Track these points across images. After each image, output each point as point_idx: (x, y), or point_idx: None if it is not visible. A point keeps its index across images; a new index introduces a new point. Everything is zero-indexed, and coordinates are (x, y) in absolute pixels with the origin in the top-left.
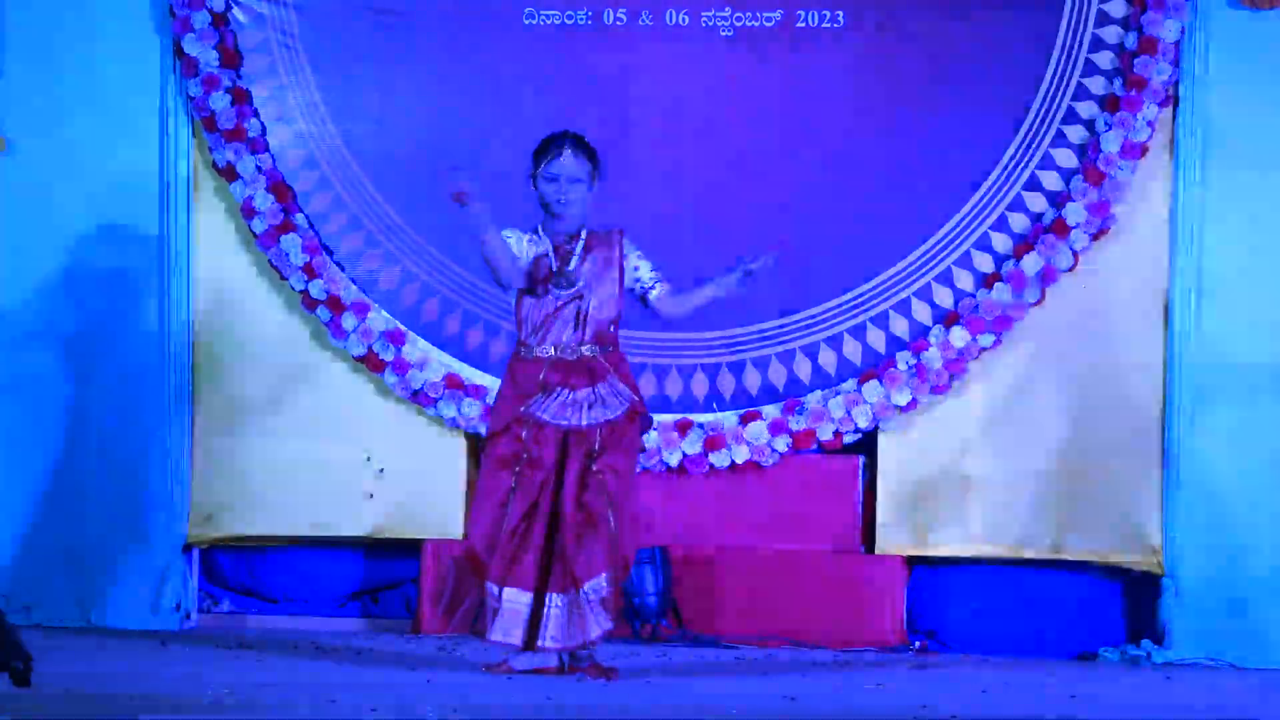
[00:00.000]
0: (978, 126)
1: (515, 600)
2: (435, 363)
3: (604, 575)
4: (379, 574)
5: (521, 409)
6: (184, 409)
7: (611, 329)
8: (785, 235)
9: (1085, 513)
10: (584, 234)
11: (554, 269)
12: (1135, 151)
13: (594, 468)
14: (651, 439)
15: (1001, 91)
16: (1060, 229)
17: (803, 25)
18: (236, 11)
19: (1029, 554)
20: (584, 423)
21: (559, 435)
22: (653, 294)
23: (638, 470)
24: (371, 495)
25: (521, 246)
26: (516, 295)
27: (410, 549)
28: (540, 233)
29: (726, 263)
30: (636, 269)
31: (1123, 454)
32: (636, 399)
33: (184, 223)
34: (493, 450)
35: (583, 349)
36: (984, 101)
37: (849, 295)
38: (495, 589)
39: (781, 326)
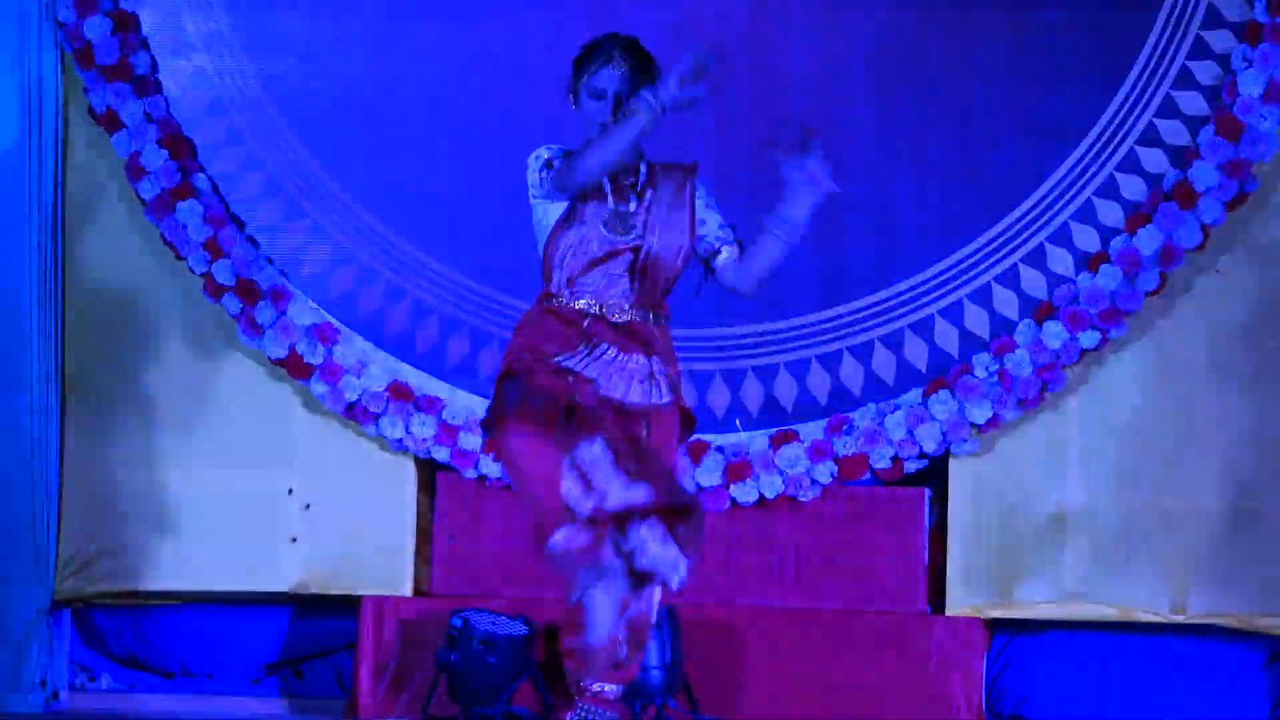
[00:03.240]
0: (1079, 61)
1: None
2: (377, 367)
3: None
4: (305, 641)
5: (556, 358)
6: (51, 427)
7: (666, 294)
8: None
9: (1218, 563)
10: (643, 167)
11: (610, 206)
12: None
13: None
14: None
15: (1110, 17)
16: (1185, 195)
17: None
18: None
19: (1142, 616)
20: (635, 400)
21: (601, 405)
22: (720, 257)
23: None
24: (295, 539)
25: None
26: (551, 231)
27: (344, 608)
28: None
29: None
30: (703, 221)
31: (1268, 489)
32: (680, 391)
33: (50, 186)
34: (527, 384)
35: (634, 311)
36: (1087, 30)
37: (912, 281)
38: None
39: (824, 321)
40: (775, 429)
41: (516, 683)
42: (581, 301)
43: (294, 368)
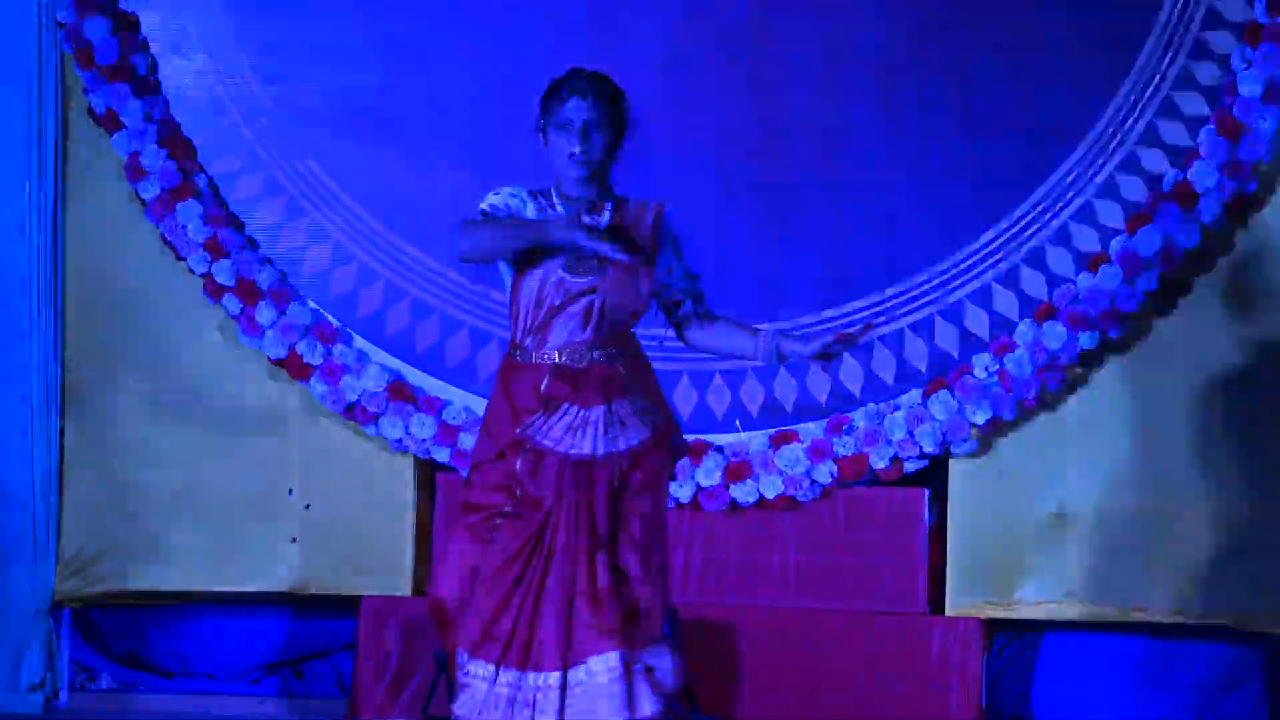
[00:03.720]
0: (1078, 62)
1: (483, 676)
2: (376, 367)
3: (616, 653)
4: (304, 641)
5: (517, 430)
6: (51, 427)
7: (630, 331)
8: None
9: (1218, 564)
10: (610, 206)
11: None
12: None
13: (619, 507)
14: None
15: (1110, 18)
16: (1185, 196)
17: None
18: None
19: (1142, 616)
20: (600, 451)
21: (564, 468)
22: (680, 309)
23: (667, 511)
24: (295, 539)
25: (525, 210)
26: (513, 278)
27: (344, 608)
28: (554, 198)
29: (753, 253)
30: (670, 269)
31: (1268, 489)
32: (665, 418)
33: (51, 188)
34: (477, 479)
35: (594, 354)
36: (1087, 30)
37: (912, 281)
38: (464, 657)
39: (825, 321)
40: (775, 429)
41: None
42: (541, 352)
43: (294, 368)
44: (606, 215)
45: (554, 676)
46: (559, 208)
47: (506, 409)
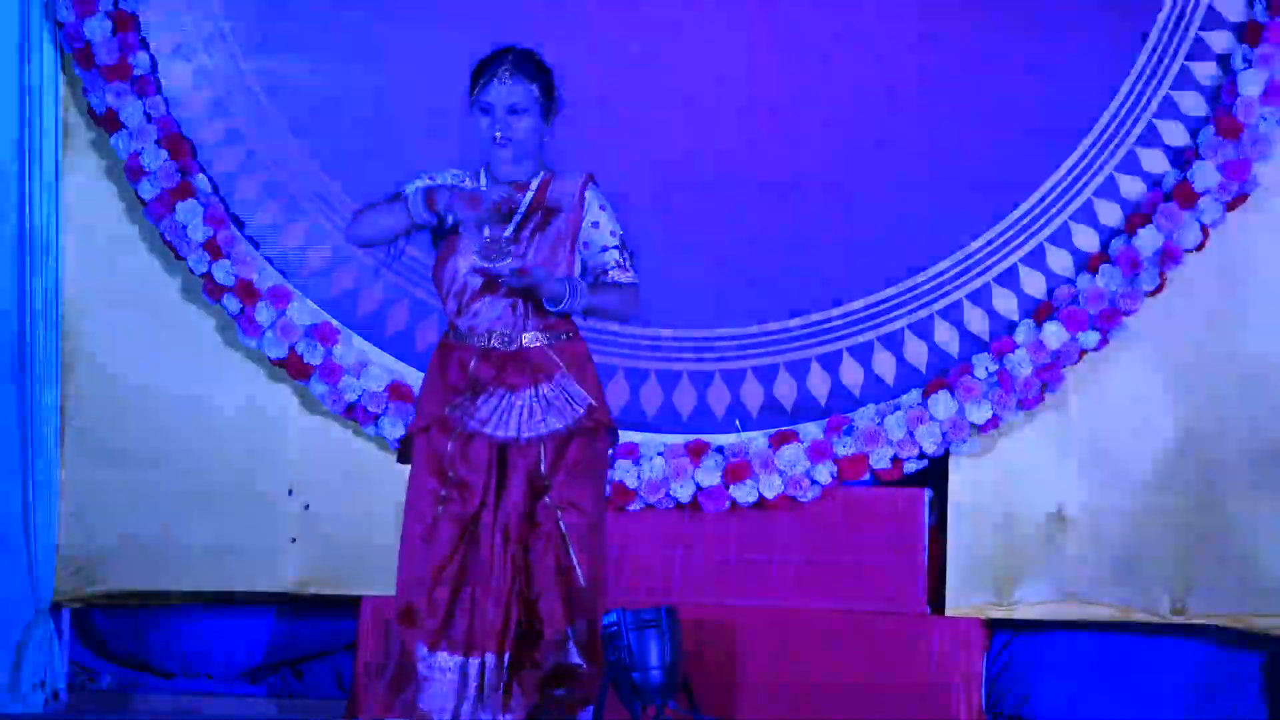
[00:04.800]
0: (1078, 62)
1: (445, 667)
2: (376, 367)
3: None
4: (303, 640)
5: (446, 409)
6: (50, 428)
7: (565, 314)
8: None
9: (1217, 564)
10: (534, 184)
11: (482, 235)
12: None
13: (546, 500)
14: (656, 466)
15: (1109, 18)
16: (1185, 196)
17: None
18: None
19: (1142, 616)
20: (522, 435)
21: (492, 450)
22: (608, 276)
23: (605, 500)
24: (294, 539)
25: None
26: (437, 258)
27: (344, 608)
28: (482, 180)
29: (753, 252)
30: (593, 237)
31: (1270, 488)
32: (596, 404)
33: (50, 187)
34: (416, 458)
35: (524, 337)
36: (1087, 30)
37: (912, 281)
38: (424, 650)
39: (825, 322)
40: (775, 429)
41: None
42: (476, 333)
43: (294, 368)
44: (529, 196)
45: (491, 658)
46: (487, 188)
47: (439, 385)
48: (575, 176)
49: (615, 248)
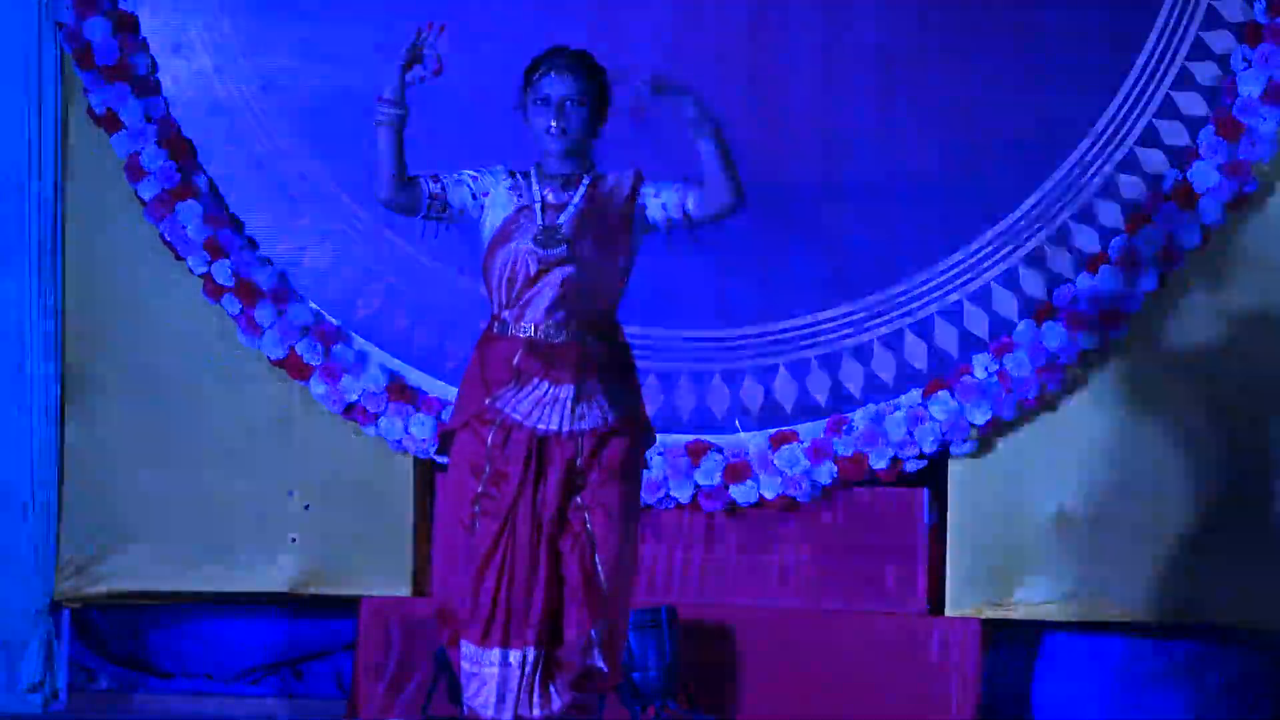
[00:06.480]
0: (1078, 62)
1: (493, 660)
2: (376, 368)
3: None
4: (303, 641)
5: (486, 400)
6: (49, 428)
7: (610, 313)
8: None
9: (1225, 564)
10: (587, 180)
11: (539, 221)
12: None
13: (578, 500)
14: (656, 466)
15: (1108, 18)
16: (1185, 196)
17: None
18: None
19: (1146, 618)
20: (565, 429)
21: (532, 442)
22: (689, 203)
23: (640, 506)
24: (294, 539)
25: (497, 190)
26: (486, 250)
27: (343, 608)
28: (533, 178)
29: (754, 252)
30: (656, 205)
31: (1268, 489)
32: (638, 408)
33: (51, 188)
34: (456, 453)
35: (569, 330)
36: (1085, 31)
37: (912, 281)
38: (472, 648)
39: (824, 322)
40: (775, 429)
41: None
42: (520, 324)
43: (294, 368)
44: (582, 190)
45: (531, 651)
46: (534, 185)
47: (479, 379)
48: (626, 172)
49: (678, 187)
